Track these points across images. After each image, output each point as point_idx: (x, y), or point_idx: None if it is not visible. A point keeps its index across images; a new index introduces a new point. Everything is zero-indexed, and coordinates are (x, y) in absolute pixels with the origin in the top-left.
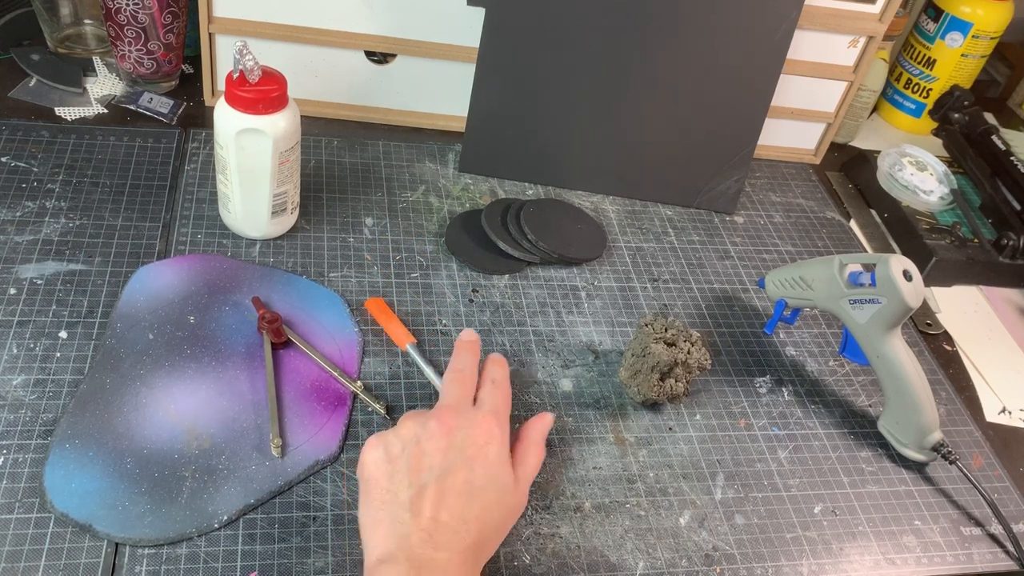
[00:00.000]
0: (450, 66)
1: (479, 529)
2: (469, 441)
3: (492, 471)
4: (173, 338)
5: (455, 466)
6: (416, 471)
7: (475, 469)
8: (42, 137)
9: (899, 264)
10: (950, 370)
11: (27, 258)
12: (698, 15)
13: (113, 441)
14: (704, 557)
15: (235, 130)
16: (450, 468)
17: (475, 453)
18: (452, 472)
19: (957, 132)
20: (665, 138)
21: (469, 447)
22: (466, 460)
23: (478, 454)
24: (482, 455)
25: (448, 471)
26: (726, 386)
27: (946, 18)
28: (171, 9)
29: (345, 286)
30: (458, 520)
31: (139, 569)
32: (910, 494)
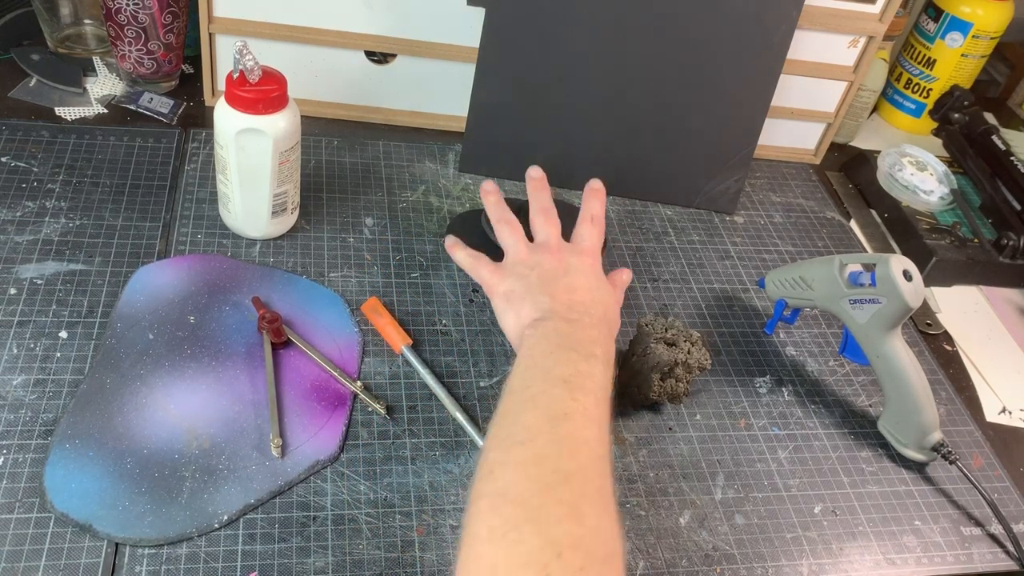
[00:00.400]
0: (450, 66)
1: (604, 311)
2: (580, 262)
3: (602, 281)
4: (173, 338)
5: (574, 273)
6: (544, 278)
7: (589, 276)
8: (42, 137)
9: (899, 264)
10: (950, 370)
11: (27, 258)
12: (698, 15)
13: (113, 441)
14: (704, 557)
15: (235, 130)
16: (571, 274)
17: (587, 269)
18: (573, 275)
19: (957, 132)
20: (665, 138)
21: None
22: (582, 272)
23: (589, 270)
24: (591, 270)
25: (570, 274)
26: (726, 386)
27: (946, 18)
28: (171, 9)
29: (345, 286)
30: (589, 302)
31: (139, 569)
32: (910, 494)
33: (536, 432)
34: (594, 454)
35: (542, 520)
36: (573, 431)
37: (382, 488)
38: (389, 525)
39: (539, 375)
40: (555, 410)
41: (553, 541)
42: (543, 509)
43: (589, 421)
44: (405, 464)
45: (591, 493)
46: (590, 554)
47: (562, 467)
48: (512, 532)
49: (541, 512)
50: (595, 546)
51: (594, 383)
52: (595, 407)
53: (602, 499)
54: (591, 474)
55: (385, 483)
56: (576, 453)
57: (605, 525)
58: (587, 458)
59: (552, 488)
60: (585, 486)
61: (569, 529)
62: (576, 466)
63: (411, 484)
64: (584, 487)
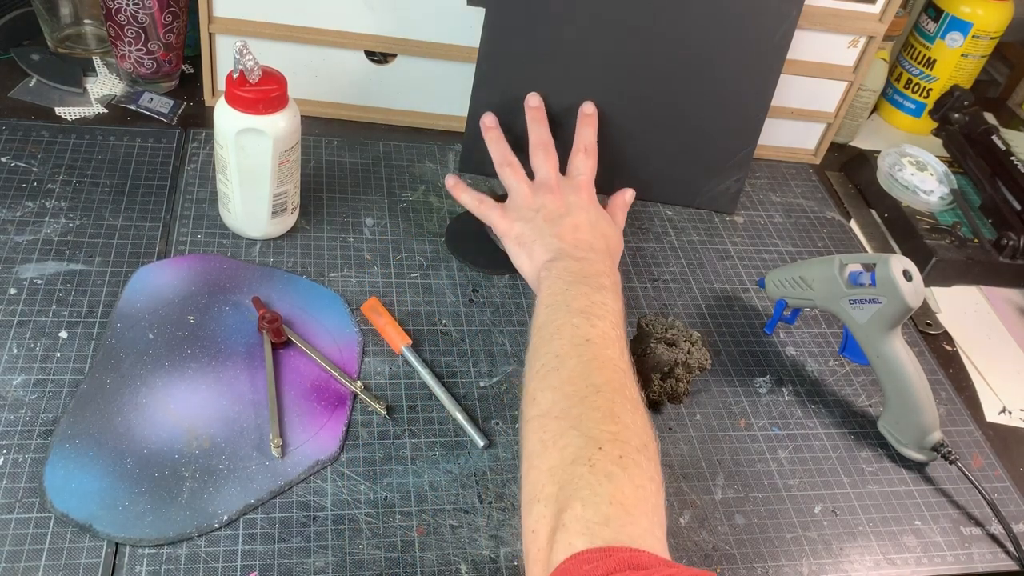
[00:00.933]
0: (450, 66)
1: (606, 244)
2: (579, 199)
3: (601, 213)
4: (173, 338)
5: (576, 212)
6: (549, 220)
7: (589, 211)
8: (42, 137)
9: (899, 264)
10: (950, 370)
11: (27, 258)
12: (698, 15)
13: (113, 441)
14: (704, 557)
15: (235, 130)
16: (572, 211)
17: (587, 203)
18: (574, 213)
19: (957, 132)
20: (665, 138)
21: (580, 202)
22: (582, 208)
23: (589, 204)
24: (592, 204)
25: (571, 213)
26: (726, 386)
27: (946, 18)
28: (171, 9)
29: (345, 286)
30: (592, 238)
31: (139, 569)
32: (910, 494)
33: (565, 357)
34: (617, 368)
35: (583, 424)
36: (596, 352)
37: (382, 488)
38: (389, 525)
39: (560, 310)
40: (578, 337)
41: (594, 438)
42: (582, 416)
43: (609, 341)
44: (405, 464)
45: (620, 399)
46: (626, 444)
47: (592, 381)
48: (560, 439)
49: (581, 418)
50: (630, 438)
51: (607, 309)
52: (612, 329)
53: (630, 402)
54: (618, 384)
55: (385, 483)
56: (602, 368)
57: (637, 422)
58: (612, 372)
59: (587, 398)
60: (614, 394)
61: (606, 427)
62: (604, 379)
63: (411, 484)
64: (614, 394)
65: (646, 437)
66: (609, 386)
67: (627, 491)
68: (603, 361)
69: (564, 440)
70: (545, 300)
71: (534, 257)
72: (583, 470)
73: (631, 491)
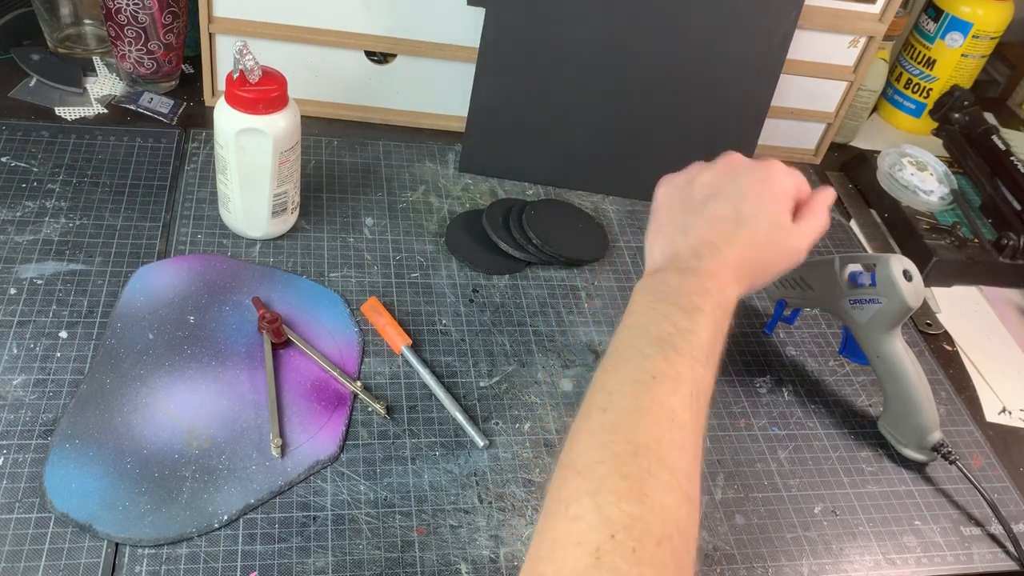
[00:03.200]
0: (450, 66)
1: (742, 252)
2: (749, 177)
3: (765, 205)
4: (173, 338)
5: (726, 195)
6: (690, 200)
7: (747, 200)
8: (42, 137)
9: (899, 264)
10: (950, 370)
11: (27, 258)
12: (698, 15)
13: (113, 441)
14: (704, 557)
15: (235, 130)
16: (720, 196)
17: (750, 188)
18: (721, 200)
19: (957, 132)
20: (665, 138)
21: (745, 181)
22: (739, 192)
23: (752, 189)
24: (756, 191)
25: (718, 198)
26: (726, 386)
27: (946, 18)
28: (171, 9)
29: (345, 286)
30: (723, 240)
31: (139, 569)
32: (910, 494)
33: (618, 397)
34: (675, 423)
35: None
36: (657, 396)
37: (382, 488)
38: (389, 525)
39: (635, 333)
40: (642, 373)
41: (609, 520)
42: (605, 482)
43: (680, 384)
44: (405, 464)
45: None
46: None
47: (635, 438)
48: (574, 506)
49: (603, 486)
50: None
51: (693, 340)
52: (690, 368)
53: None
54: (666, 447)
55: (385, 483)
56: (655, 423)
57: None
58: (666, 428)
59: (620, 460)
60: (653, 461)
61: (627, 508)
62: (651, 438)
63: (411, 484)
64: (652, 462)
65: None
66: (654, 448)
67: None
68: (660, 411)
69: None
70: (626, 320)
71: (652, 254)
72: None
73: None
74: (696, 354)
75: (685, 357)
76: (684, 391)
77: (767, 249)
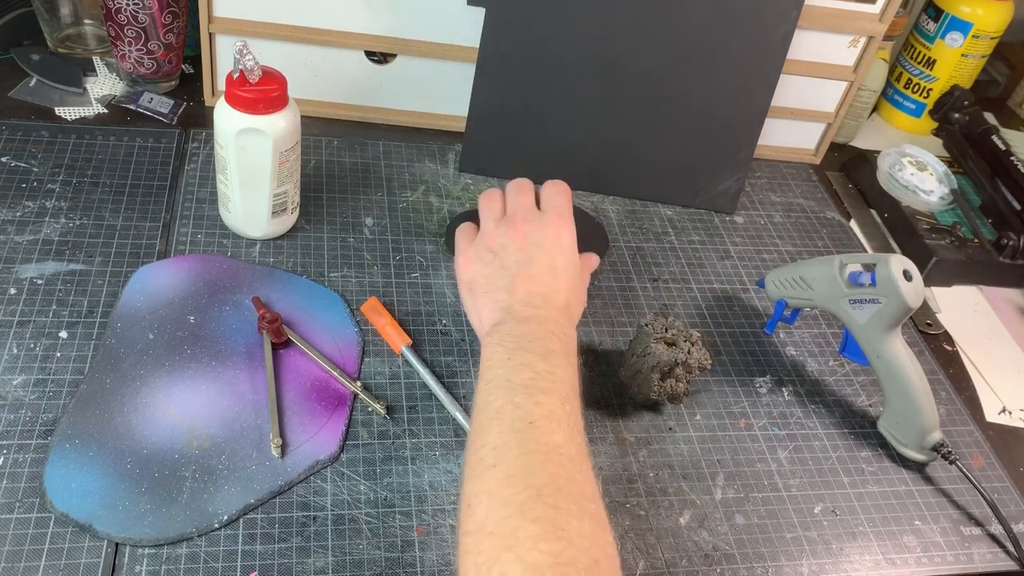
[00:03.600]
0: (450, 66)
1: (566, 296)
2: (544, 237)
3: (568, 256)
4: (173, 338)
5: (536, 257)
6: (505, 267)
7: (555, 256)
8: (42, 137)
9: (899, 264)
10: (950, 370)
11: (27, 258)
12: (698, 15)
13: (113, 441)
14: (704, 557)
15: (235, 130)
16: (533, 258)
17: (552, 246)
18: (535, 261)
19: (957, 132)
20: (665, 138)
21: (545, 242)
22: (545, 252)
23: (554, 246)
24: (557, 246)
25: (532, 260)
26: (726, 386)
27: (946, 18)
28: (171, 9)
29: (345, 286)
30: (549, 289)
31: (139, 569)
32: (910, 494)
33: (504, 450)
34: (564, 457)
35: (519, 545)
36: (540, 437)
37: (382, 488)
38: (389, 525)
39: (500, 386)
40: (520, 420)
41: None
42: (518, 532)
43: (556, 422)
44: (405, 464)
45: (565, 502)
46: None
47: (533, 481)
48: (496, 566)
49: (518, 536)
50: (576, 557)
51: (554, 379)
52: (560, 405)
53: (577, 504)
54: (563, 480)
55: (385, 483)
56: (546, 462)
57: (585, 530)
58: (557, 463)
59: (525, 507)
60: (557, 496)
61: (547, 548)
62: (547, 476)
63: (411, 484)
64: (556, 497)
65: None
66: (552, 485)
67: None
68: (548, 451)
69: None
70: (485, 375)
71: (482, 317)
72: None
73: None
74: (562, 392)
75: (553, 396)
76: (562, 428)
77: (578, 293)
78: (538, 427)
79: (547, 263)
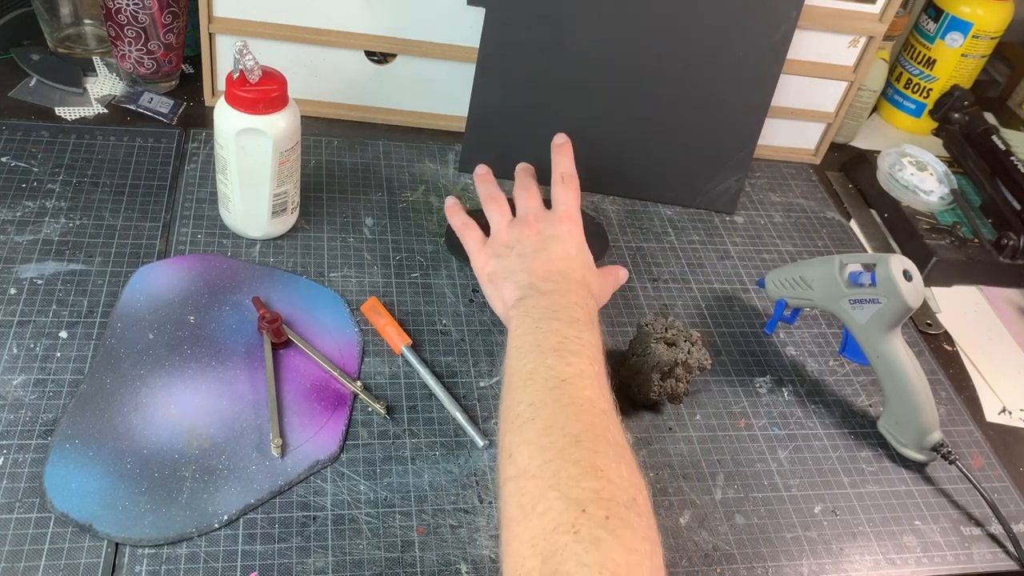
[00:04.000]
0: (450, 66)
1: (583, 275)
2: (558, 231)
3: (581, 244)
4: (173, 338)
5: (552, 246)
6: (523, 255)
7: (567, 244)
8: (42, 137)
9: (899, 264)
10: (950, 370)
11: (27, 258)
12: (698, 15)
13: (113, 441)
14: (704, 557)
15: (235, 130)
16: (548, 247)
17: (566, 237)
18: (551, 248)
19: (957, 132)
20: (665, 138)
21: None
22: (560, 241)
23: (568, 237)
24: (569, 238)
25: (548, 248)
26: (726, 386)
27: (946, 18)
28: (171, 9)
29: (345, 286)
30: (568, 268)
31: (139, 569)
32: (910, 494)
33: (540, 405)
34: (597, 409)
35: (562, 483)
36: (574, 392)
37: (382, 488)
38: (389, 525)
39: (531, 351)
40: (553, 379)
41: (576, 500)
42: (561, 473)
43: (587, 380)
44: (405, 464)
45: (602, 447)
46: (612, 502)
47: (570, 430)
48: (540, 503)
49: (560, 476)
50: (616, 494)
51: (582, 344)
52: (589, 365)
53: (614, 449)
54: (599, 429)
55: (385, 483)
56: (581, 413)
57: (623, 472)
58: (591, 415)
59: (565, 451)
60: (595, 442)
61: (588, 485)
62: (583, 426)
63: (411, 484)
64: (595, 443)
65: (634, 489)
66: (589, 433)
67: (618, 558)
68: (581, 404)
69: (544, 504)
70: (515, 342)
71: (505, 297)
72: (567, 539)
73: (622, 557)
74: (590, 353)
75: (582, 357)
76: (593, 384)
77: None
78: (571, 384)
79: (562, 249)
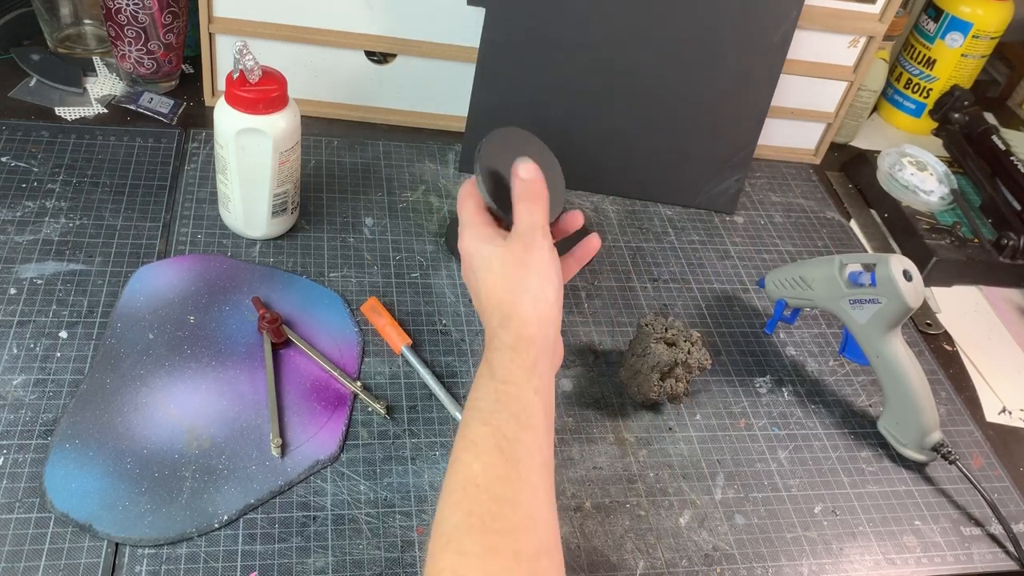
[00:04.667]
0: (450, 66)
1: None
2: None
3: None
4: (173, 338)
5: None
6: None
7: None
8: (42, 137)
9: (899, 264)
10: (950, 370)
11: (27, 258)
12: (698, 15)
13: (113, 441)
14: (704, 557)
15: (235, 130)
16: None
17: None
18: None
19: (957, 132)
20: (665, 138)
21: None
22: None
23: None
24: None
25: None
26: (726, 386)
27: (946, 18)
28: (171, 9)
29: (345, 286)
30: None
31: (139, 569)
32: (910, 494)
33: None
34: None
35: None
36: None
37: (382, 488)
38: (389, 525)
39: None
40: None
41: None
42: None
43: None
44: (405, 464)
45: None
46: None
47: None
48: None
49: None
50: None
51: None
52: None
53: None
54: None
55: (385, 483)
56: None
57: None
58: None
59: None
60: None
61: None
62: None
63: (411, 484)
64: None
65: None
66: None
67: None
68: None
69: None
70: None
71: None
72: None
73: None
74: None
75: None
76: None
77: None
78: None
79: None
